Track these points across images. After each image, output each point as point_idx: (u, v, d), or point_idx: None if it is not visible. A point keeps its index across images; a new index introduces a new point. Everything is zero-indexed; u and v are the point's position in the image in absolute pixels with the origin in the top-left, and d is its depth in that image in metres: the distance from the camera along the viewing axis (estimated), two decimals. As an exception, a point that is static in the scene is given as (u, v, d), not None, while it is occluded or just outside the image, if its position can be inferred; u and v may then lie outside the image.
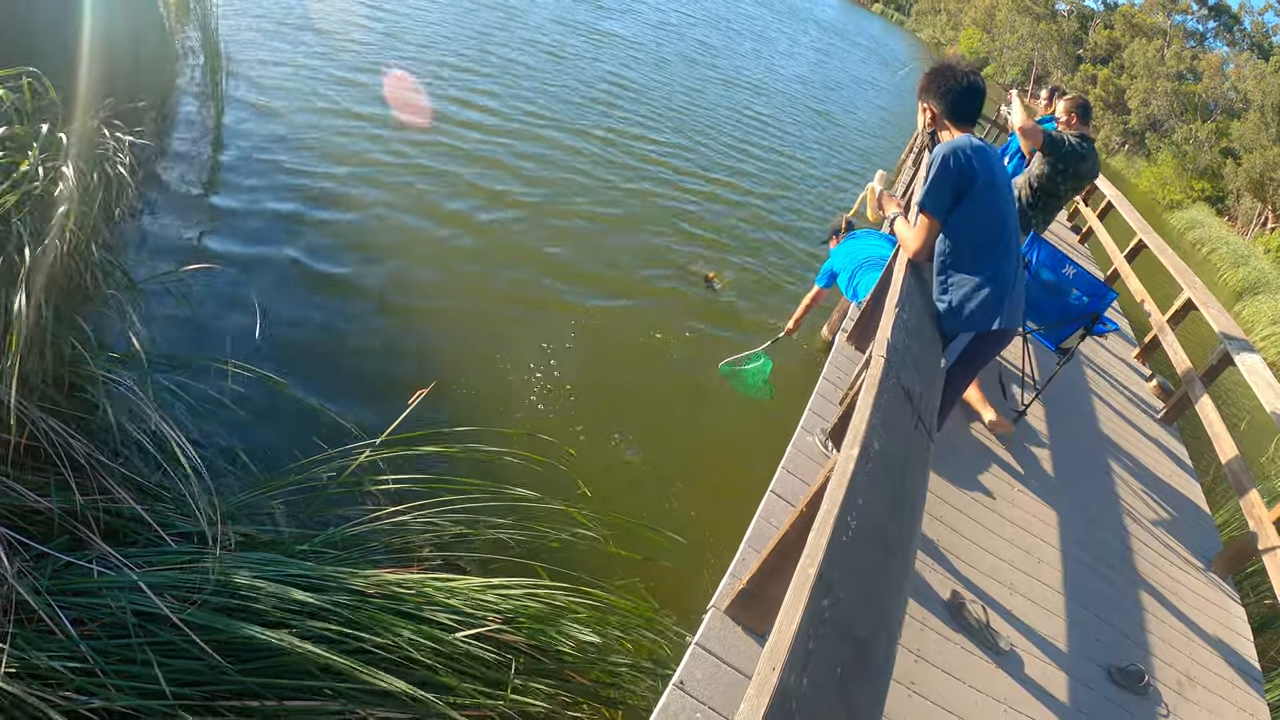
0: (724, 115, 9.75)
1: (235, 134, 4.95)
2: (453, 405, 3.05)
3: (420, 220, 4.74)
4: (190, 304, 3.25)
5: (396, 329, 3.70)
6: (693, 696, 1.53)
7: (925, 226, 2.14)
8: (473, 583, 1.98)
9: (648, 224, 5.79)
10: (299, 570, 1.96)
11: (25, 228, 2.08)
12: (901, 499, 1.20)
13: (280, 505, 2.30)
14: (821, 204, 8.01)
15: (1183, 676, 2.57)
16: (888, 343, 1.44)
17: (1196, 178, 22.18)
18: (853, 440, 1.10)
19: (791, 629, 0.77)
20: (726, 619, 1.69)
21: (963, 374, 2.30)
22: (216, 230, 3.97)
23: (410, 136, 5.75)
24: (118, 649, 1.73)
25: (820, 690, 0.78)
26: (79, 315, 2.27)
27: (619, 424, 3.50)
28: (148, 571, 1.85)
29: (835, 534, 0.92)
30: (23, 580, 1.73)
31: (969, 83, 2.12)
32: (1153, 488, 3.70)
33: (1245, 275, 14.06)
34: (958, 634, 2.20)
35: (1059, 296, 3.42)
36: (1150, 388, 4.85)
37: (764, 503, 2.15)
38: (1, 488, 1.95)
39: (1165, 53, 28.19)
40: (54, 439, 2.06)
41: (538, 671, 1.89)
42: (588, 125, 7.35)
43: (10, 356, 1.95)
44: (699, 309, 4.83)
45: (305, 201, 4.49)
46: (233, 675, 1.76)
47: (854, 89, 16.52)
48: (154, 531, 2.00)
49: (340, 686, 1.78)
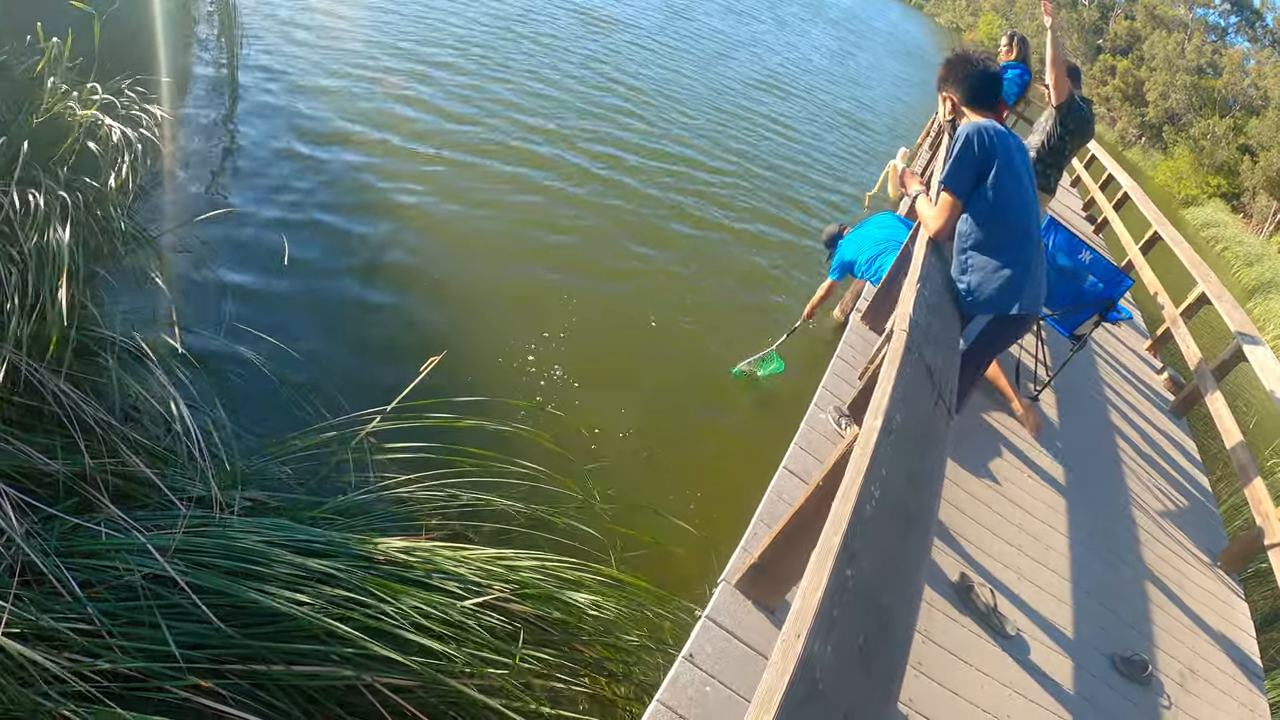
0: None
1: (251, 99, 4.90)
2: (464, 376, 3.04)
3: (442, 192, 4.70)
4: (203, 267, 3.23)
5: (412, 297, 3.68)
6: (702, 669, 1.53)
7: (947, 205, 2.14)
8: (481, 553, 1.98)
9: (655, 205, 5.74)
10: (307, 536, 1.96)
11: (59, 181, 2.06)
12: (921, 475, 1.18)
13: (289, 471, 2.29)
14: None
15: (1185, 669, 2.57)
16: (910, 318, 1.41)
17: (1213, 173, 21.90)
18: (875, 412, 1.08)
19: (816, 596, 0.76)
20: (737, 593, 1.68)
21: (980, 357, 2.29)
22: (231, 193, 3.94)
23: (436, 105, 5.68)
24: (125, 611, 1.73)
25: (843, 659, 0.76)
26: (93, 276, 2.25)
27: (629, 403, 3.49)
28: (156, 535, 1.84)
29: (859, 504, 0.90)
30: (31, 542, 1.73)
31: (985, 68, 2.20)
32: (1161, 479, 3.69)
33: (1258, 274, 13.92)
34: (965, 616, 2.20)
35: (1074, 282, 3.38)
36: (1161, 380, 4.81)
37: (776, 478, 2.14)
38: (11, 449, 1.94)
39: (1186, 46, 27.69)
40: (64, 401, 2.06)
41: (543, 642, 1.89)
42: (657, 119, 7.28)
43: (33, 321, 1.94)
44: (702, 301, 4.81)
45: (322, 166, 4.46)
46: (240, 639, 1.76)
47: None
48: (163, 495, 1.99)
49: (347, 652, 1.78)
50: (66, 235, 2.11)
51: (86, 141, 2.35)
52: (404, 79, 6.00)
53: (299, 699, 1.76)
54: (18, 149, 2.16)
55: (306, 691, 1.77)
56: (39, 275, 2.06)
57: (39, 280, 2.07)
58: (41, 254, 2.06)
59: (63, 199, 2.17)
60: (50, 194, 2.12)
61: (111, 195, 2.37)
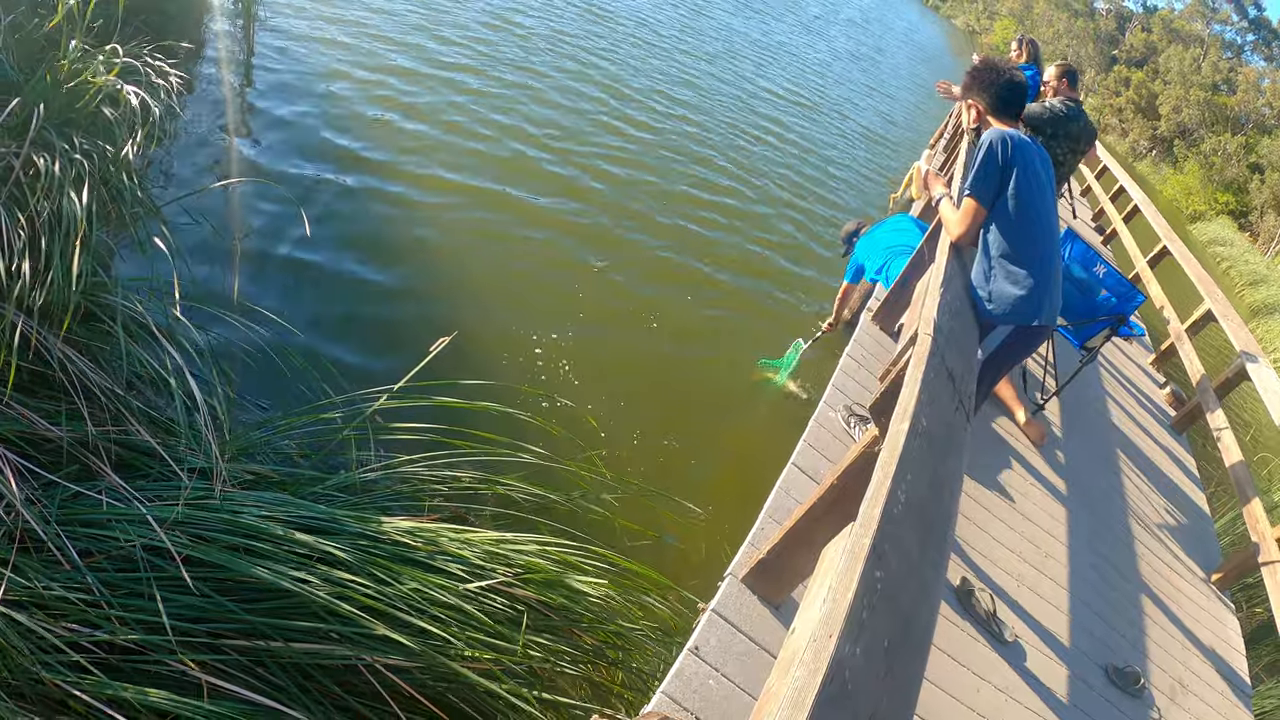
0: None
1: (266, 67, 4.83)
2: (472, 359, 3.02)
3: (462, 170, 4.66)
4: (212, 239, 3.20)
5: (424, 278, 3.65)
6: (707, 662, 1.52)
7: (970, 210, 2.13)
8: (486, 535, 1.97)
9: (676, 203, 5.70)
10: (310, 512, 1.94)
11: (73, 145, 2.02)
12: (942, 480, 1.17)
13: (292, 445, 2.27)
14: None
15: (1176, 683, 2.59)
16: (934, 322, 1.40)
17: (1221, 190, 21.87)
18: (902, 415, 1.07)
19: (848, 597, 0.75)
20: (743, 587, 1.68)
21: (997, 366, 2.29)
22: (243, 165, 3.89)
23: (457, 81, 5.62)
24: (124, 582, 1.71)
25: (871, 661, 0.75)
26: (102, 241, 2.22)
27: (638, 395, 3.48)
28: (157, 505, 1.82)
29: (888, 506, 0.89)
30: (31, 508, 1.71)
31: (1011, 77, 2.21)
32: (1160, 494, 3.70)
33: (1264, 297, 13.92)
34: (964, 620, 2.21)
35: (1088, 294, 3.38)
36: (1163, 395, 4.81)
37: (784, 475, 2.13)
38: (14, 413, 1.92)
39: (1202, 62, 27.57)
40: (69, 367, 2.03)
41: (545, 628, 1.88)
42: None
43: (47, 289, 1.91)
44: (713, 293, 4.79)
45: (336, 142, 4.40)
46: (239, 614, 1.74)
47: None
48: (165, 465, 1.97)
49: (347, 631, 1.77)
50: (79, 200, 2.08)
51: (104, 107, 2.30)
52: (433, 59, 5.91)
53: (297, 676, 1.75)
54: (31, 111, 2.13)
55: (305, 669, 1.76)
56: (50, 239, 2.03)
57: (50, 244, 2.04)
58: (52, 218, 2.03)
59: (77, 163, 2.13)
60: (65, 157, 2.08)
61: (124, 162, 2.33)
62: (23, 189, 2.05)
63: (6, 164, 2.05)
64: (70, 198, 2.01)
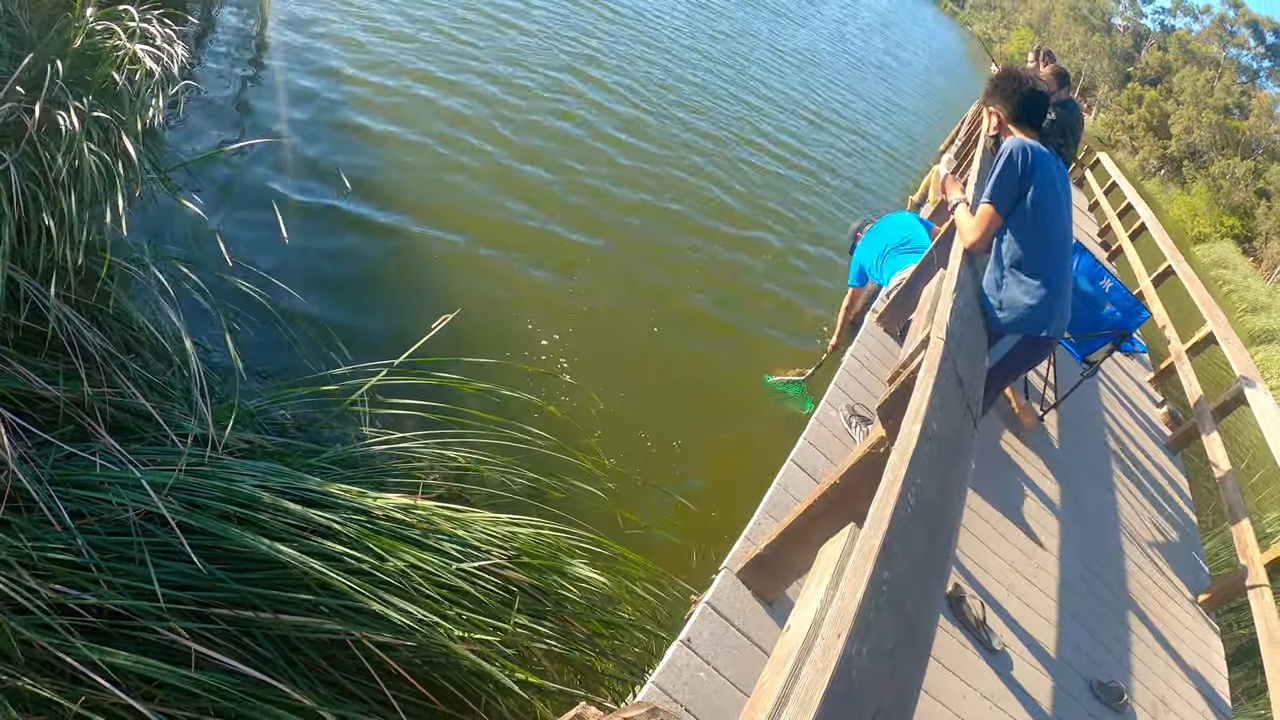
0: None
1: (279, 39, 4.77)
2: (475, 338, 3.00)
3: (473, 151, 4.62)
4: (217, 206, 3.16)
5: (431, 255, 3.62)
6: (698, 654, 1.52)
7: (986, 217, 2.13)
8: (480, 516, 1.96)
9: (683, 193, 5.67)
10: (304, 484, 1.92)
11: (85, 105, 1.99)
12: (949, 484, 1.16)
13: (288, 416, 2.25)
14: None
15: (1158, 700, 2.61)
16: (947, 326, 1.39)
17: (1228, 214, 21.90)
18: (914, 417, 1.06)
19: (856, 597, 0.74)
20: (738, 582, 1.67)
21: (1004, 375, 2.29)
22: (252, 131, 3.85)
23: (467, 66, 5.56)
24: (115, 546, 1.69)
25: (876, 663, 0.75)
26: (105, 204, 2.19)
27: (640, 387, 3.47)
28: (151, 470, 1.80)
29: (898, 508, 0.88)
30: (23, 467, 1.68)
31: (1034, 88, 2.22)
32: (1152, 511, 3.71)
33: (1263, 324, 13.95)
34: (954, 626, 2.21)
35: (1093, 308, 3.37)
36: (1160, 414, 4.82)
37: (783, 472, 2.13)
38: (10, 370, 1.89)
39: (1215, 84, 27.50)
40: (67, 327, 2.00)
41: (537, 613, 1.87)
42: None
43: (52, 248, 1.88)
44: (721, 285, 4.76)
45: (347, 115, 4.35)
46: (229, 583, 1.73)
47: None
48: (160, 429, 1.95)
49: (337, 605, 1.76)
50: (89, 160, 2.04)
51: (115, 70, 2.26)
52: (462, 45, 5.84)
53: (284, 648, 1.73)
54: (44, 69, 2.09)
55: (292, 641, 1.74)
56: (57, 197, 2.00)
57: (55, 203, 2.00)
58: (69, 176, 2.00)
59: (90, 122, 2.09)
60: (79, 115, 2.04)
61: (132, 125, 2.30)
62: (34, 145, 2.01)
63: (18, 119, 2.02)
64: (79, 156, 1.98)
